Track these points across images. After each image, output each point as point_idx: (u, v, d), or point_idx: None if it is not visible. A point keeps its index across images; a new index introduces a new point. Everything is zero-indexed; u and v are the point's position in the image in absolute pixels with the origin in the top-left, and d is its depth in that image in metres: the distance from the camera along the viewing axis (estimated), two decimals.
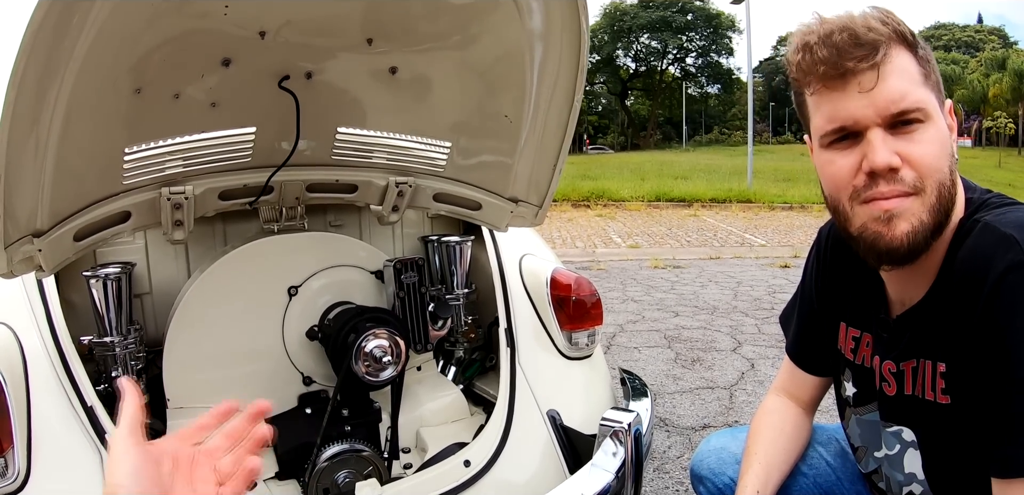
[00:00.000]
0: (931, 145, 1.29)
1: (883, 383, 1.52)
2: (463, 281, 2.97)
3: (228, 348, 2.53)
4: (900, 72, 1.28)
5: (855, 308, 1.63)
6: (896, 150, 1.29)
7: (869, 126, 1.30)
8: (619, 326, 6.92)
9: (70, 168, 1.85)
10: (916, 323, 1.42)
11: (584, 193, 22.85)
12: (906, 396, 1.46)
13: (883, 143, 1.29)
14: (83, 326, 2.42)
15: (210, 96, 2.00)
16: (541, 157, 2.34)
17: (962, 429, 1.35)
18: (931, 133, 1.29)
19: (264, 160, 2.36)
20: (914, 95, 1.28)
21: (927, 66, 1.31)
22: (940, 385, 1.37)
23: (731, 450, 1.90)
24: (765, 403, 1.90)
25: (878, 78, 1.28)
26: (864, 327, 1.61)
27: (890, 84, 1.28)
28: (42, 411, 2.01)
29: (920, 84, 1.30)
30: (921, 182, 1.29)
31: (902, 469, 1.53)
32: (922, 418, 1.45)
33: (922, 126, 1.29)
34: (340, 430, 2.41)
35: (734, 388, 5.04)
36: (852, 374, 1.66)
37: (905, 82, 1.28)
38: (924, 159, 1.29)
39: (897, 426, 1.52)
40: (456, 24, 1.99)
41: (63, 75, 1.56)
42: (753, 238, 15.20)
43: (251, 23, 1.79)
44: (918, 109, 1.28)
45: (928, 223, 1.31)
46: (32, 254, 1.94)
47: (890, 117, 1.29)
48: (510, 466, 2.31)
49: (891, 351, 1.49)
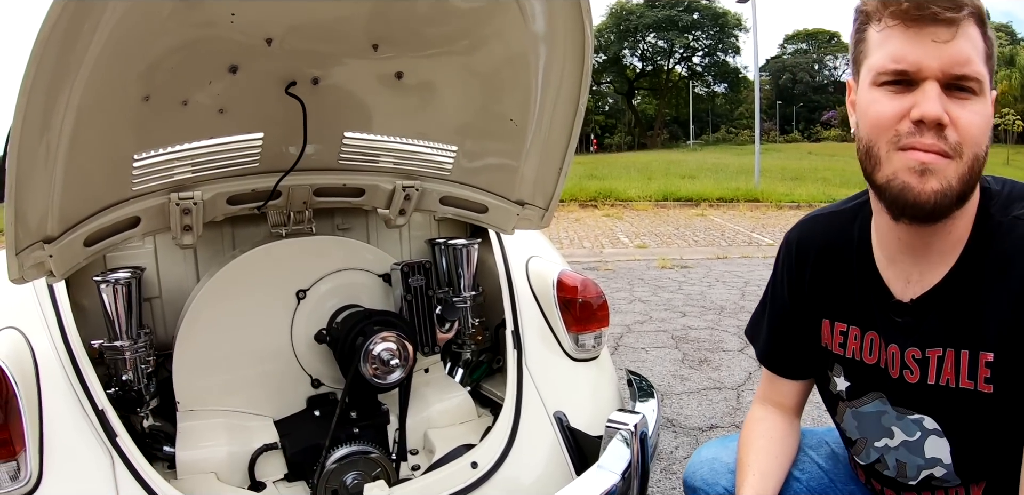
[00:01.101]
0: (978, 118, 1.32)
1: (904, 370, 1.52)
2: (470, 283, 2.99)
3: (237, 351, 2.55)
4: (972, 39, 1.31)
5: (842, 303, 1.64)
6: (946, 109, 1.31)
7: (929, 77, 1.31)
8: (626, 326, 6.93)
9: (80, 174, 1.87)
10: (942, 307, 1.44)
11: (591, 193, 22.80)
12: (930, 385, 1.47)
13: (938, 98, 1.31)
14: (93, 330, 2.44)
15: (218, 102, 2.02)
16: (547, 160, 2.35)
17: (1003, 417, 1.37)
18: (980, 107, 1.32)
19: (272, 165, 2.38)
20: (977, 65, 1.31)
21: (991, 48, 1.34)
22: (983, 374, 1.38)
23: (723, 460, 1.91)
24: (752, 413, 1.91)
25: (953, 36, 1.30)
26: (855, 320, 1.61)
27: (961, 45, 1.30)
28: (53, 415, 2.02)
29: (983, 60, 1.32)
30: (961, 148, 1.32)
31: (922, 454, 1.54)
32: (950, 406, 1.46)
33: (975, 98, 1.32)
34: (348, 432, 2.43)
35: (741, 389, 5.04)
36: (843, 369, 1.66)
37: (973, 50, 1.31)
38: (970, 128, 1.31)
39: (916, 414, 1.53)
40: (461, 29, 2.01)
41: (73, 83, 1.58)
42: (761, 237, 15.17)
43: (257, 30, 1.81)
44: (977, 79, 1.31)
45: (956, 189, 1.33)
46: (43, 260, 1.96)
47: (952, 76, 1.31)
48: (517, 467, 2.32)
49: (912, 336, 1.49)
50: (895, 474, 1.61)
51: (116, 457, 2.00)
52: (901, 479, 1.61)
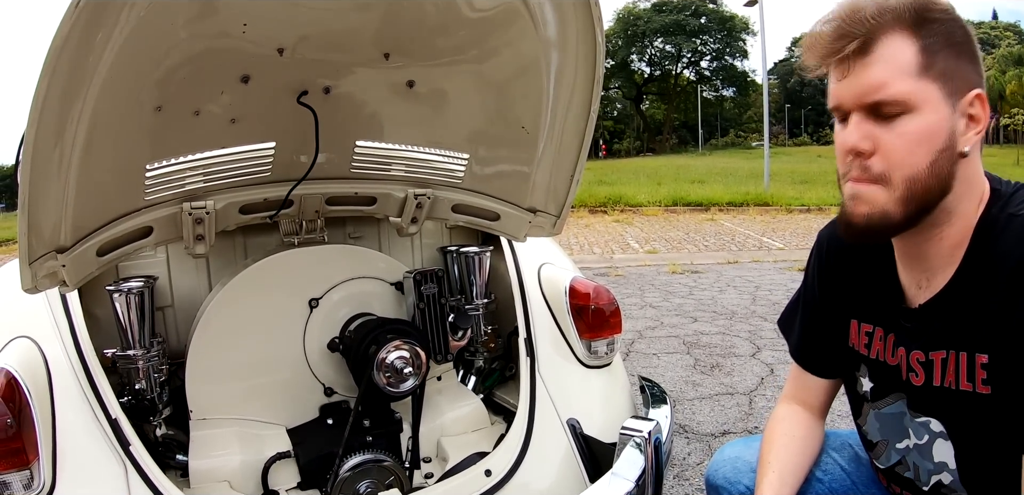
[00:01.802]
0: (907, 137, 1.30)
1: (911, 373, 1.52)
2: (482, 291, 2.98)
3: (250, 360, 2.55)
4: (886, 61, 1.30)
5: (867, 303, 1.63)
6: (872, 135, 1.32)
7: (851, 110, 1.34)
8: (638, 332, 6.91)
9: (93, 184, 1.87)
10: (944, 312, 1.43)
11: (601, 199, 22.81)
12: (934, 387, 1.46)
13: (857, 127, 1.34)
14: (106, 339, 2.45)
15: (230, 112, 2.02)
16: (559, 167, 2.35)
17: (1001, 419, 1.36)
18: (912, 125, 1.30)
19: (284, 174, 2.38)
20: (895, 87, 1.29)
21: (931, 56, 1.30)
22: (981, 376, 1.37)
23: (746, 458, 1.90)
24: (776, 411, 1.90)
25: (858, 67, 1.31)
26: (878, 321, 1.61)
27: (871, 72, 1.30)
28: (67, 423, 2.03)
29: (911, 74, 1.29)
30: (888, 173, 1.32)
31: (931, 458, 1.53)
32: (953, 409, 1.45)
33: (905, 117, 1.30)
34: (362, 440, 2.43)
35: (753, 394, 5.02)
36: (868, 369, 1.66)
37: (888, 72, 1.29)
38: (892, 152, 1.31)
39: (925, 417, 1.52)
40: (472, 37, 2.01)
41: (86, 93, 1.59)
42: (771, 241, 15.14)
43: (269, 41, 1.81)
44: (895, 102, 1.29)
45: (894, 214, 1.34)
46: (56, 269, 1.96)
47: (866, 105, 1.32)
48: (531, 475, 2.32)
49: (918, 340, 1.49)
50: (913, 477, 1.61)
51: (129, 466, 2.01)
52: (918, 483, 1.60)
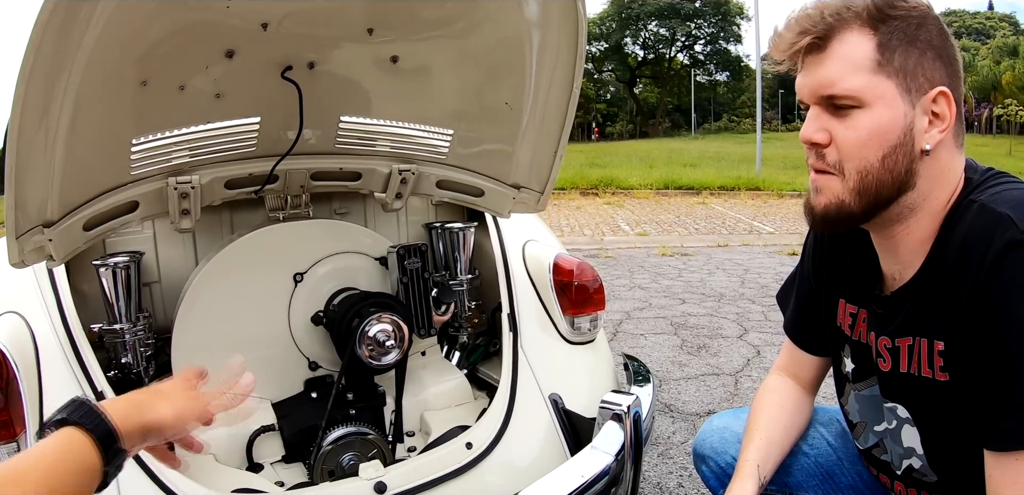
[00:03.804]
0: (859, 132, 1.34)
1: (879, 358, 1.54)
2: (467, 267, 3.01)
3: (235, 334, 2.57)
4: (840, 58, 1.33)
5: (853, 284, 1.65)
6: (827, 127, 1.38)
7: (810, 104, 1.40)
8: (626, 313, 6.95)
9: (79, 159, 1.88)
10: (910, 300, 1.44)
11: (592, 181, 22.79)
12: (901, 373, 1.49)
13: (815, 119, 1.39)
14: (93, 314, 2.47)
15: (215, 87, 2.03)
16: (542, 143, 2.37)
17: (960, 405, 1.38)
18: (864, 120, 1.33)
19: (269, 149, 2.39)
20: (849, 82, 1.32)
21: (888, 52, 1.31)
22: (938, 363, 1.39)
23: (734, 429, 1.93)
24: (767, 381, 1.93)
25: (814, 62, 1.36)
26: (861, 303, 1.63)
27: (826, 68, 1.35)
28: (54, 397, 2.04)
29: (866, 70, 1.31)
30: (841, 165, 1.37)
31: (901, 443, 1.56)
32: (917, 395, 1.47)
33: (858, 112, 1.33)
34: (345, 413, 2.46)
35: (739, 375, 5.06)
36: (850, 350, 1.68)
37: (842, 68, 1.32)
38: (845, 144, 1.36)
39: (892, 402, 1.55)
40: (455, 12, 2.02)
41: (71, 68, 1.60)
42: (761, 225, 15.17)
43: (253, 15, 1.82)
44: (848, 96, 1.33)
45: (850, 204, 1.39)
46: (43, 244, 1.98)
47: (821, 99, 1.37)
48: (512, 448, 2.34)
49: (886, 327, 1.51)
50: (889, 460, 1.64)
51: None
52: (892, 466, 1.63)
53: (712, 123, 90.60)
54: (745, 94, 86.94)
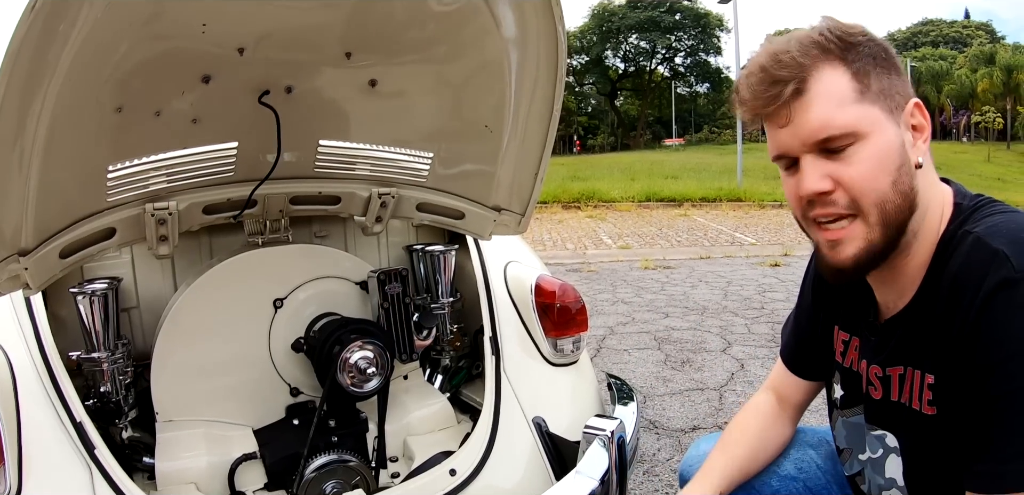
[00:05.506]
0: (864, 164, 1.29)
1: (870, 386, 1.53)
2: (448, 290, 2.99)
3: (215, 360, 2.54)
4: (824, 97, 1.29)
5: (847, 312, 1.64)
6: (829, 173, 1.31)
7: (801, 155, 1.34)
8: (609, 328, 6.94)
9: (54, 186, 1.86)
10: (902, 330, 1.43)
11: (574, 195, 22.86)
12: (892, 402, 1.47)
13: (813, 169, 1.32)
14: (71, 341, 2.43)
15: (191, 112, 2.01)
16: (522, 165, 2.36)
17: (945, 441, 1.36)
18: (866, 151, 1.29)
19: (247, 174, 2.37)
20: (840, 119, 1.28)
21: (865, 79, 1.30)
22: (927, 396, 1.38)
23: None
24: (754, 398, 1.92)
25: (798, 110, 1.30)
26: (853, 331, 1.62)
27: (812, 113, 1.30)
28: (32, 427, 2.01)
29: (851, 102, 1.29)
30: (857, 204, 1.31)
31: (883, 473, 1.54)
32: (906, 425, 1.46)
33: (855, 146, 1.29)
34: (327, 440, 2.44)
35: (724, 389, 5.06)
36: (841, 376, 1.67)
37: (829, 107, 1.29)
38: (855, 181, 1.30)
39: (881, 430, 1.53)
40: (433, 36, 2.01)
41: (45, 91, 1.57)
42: (743, 237, 15.24)
43: (229, 40, 1.80)
44: (844, 133, 1.29)
45: (877, 241, 1.33)
46: (18, 272, 1.95)
47: (815, 146, 1.31)
48: (496, 473, 2.32)
49: (878, 355, 1.50)
50: (869, 490, 1.62)
51: (94, 469, 2.00)
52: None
53: (693, 134, 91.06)
54: (725, 105, 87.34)
